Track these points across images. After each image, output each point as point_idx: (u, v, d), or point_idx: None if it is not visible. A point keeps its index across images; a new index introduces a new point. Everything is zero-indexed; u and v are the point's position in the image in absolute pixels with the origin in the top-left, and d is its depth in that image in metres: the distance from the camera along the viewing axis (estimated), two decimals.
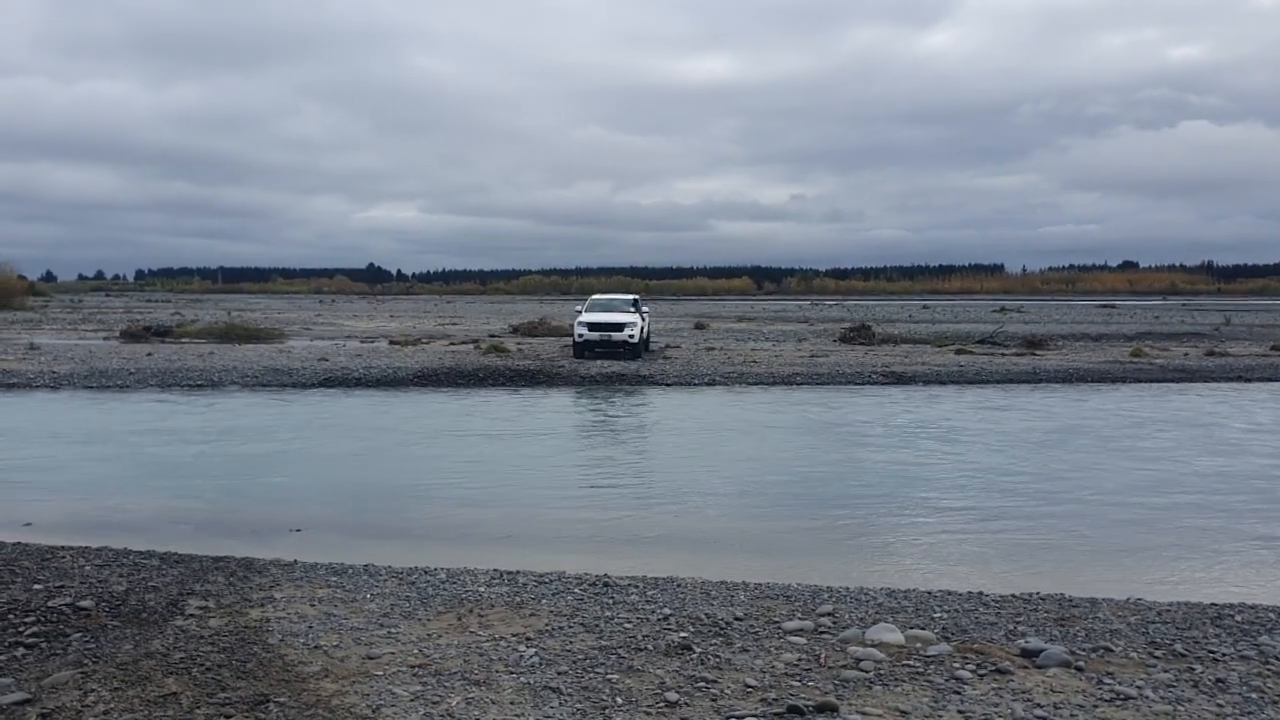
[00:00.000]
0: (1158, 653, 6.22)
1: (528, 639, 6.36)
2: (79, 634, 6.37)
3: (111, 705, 5.22)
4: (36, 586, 7.43)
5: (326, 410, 19.83)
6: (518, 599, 7.33)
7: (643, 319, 30.43)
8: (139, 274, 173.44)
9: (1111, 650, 6.26)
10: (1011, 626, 6.77)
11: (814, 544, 10.05)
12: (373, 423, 18.32)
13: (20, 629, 6.44)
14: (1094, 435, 17.07)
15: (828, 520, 11.00)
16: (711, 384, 24.48)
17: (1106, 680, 5.70)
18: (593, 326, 29.16)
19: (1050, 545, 10.01)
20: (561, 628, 6.61)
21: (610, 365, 27.06)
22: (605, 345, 28.92)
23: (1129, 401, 21.91)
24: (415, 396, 22.11)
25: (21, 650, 6.05)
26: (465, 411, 19.81)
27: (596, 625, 6.66)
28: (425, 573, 8.10)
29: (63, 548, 8.76)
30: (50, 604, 6.97)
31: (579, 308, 31.80)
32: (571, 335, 30.47)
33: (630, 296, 33.02)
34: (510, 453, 15.19)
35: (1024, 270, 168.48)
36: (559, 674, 5.71)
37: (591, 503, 11.83)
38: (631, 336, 28.84)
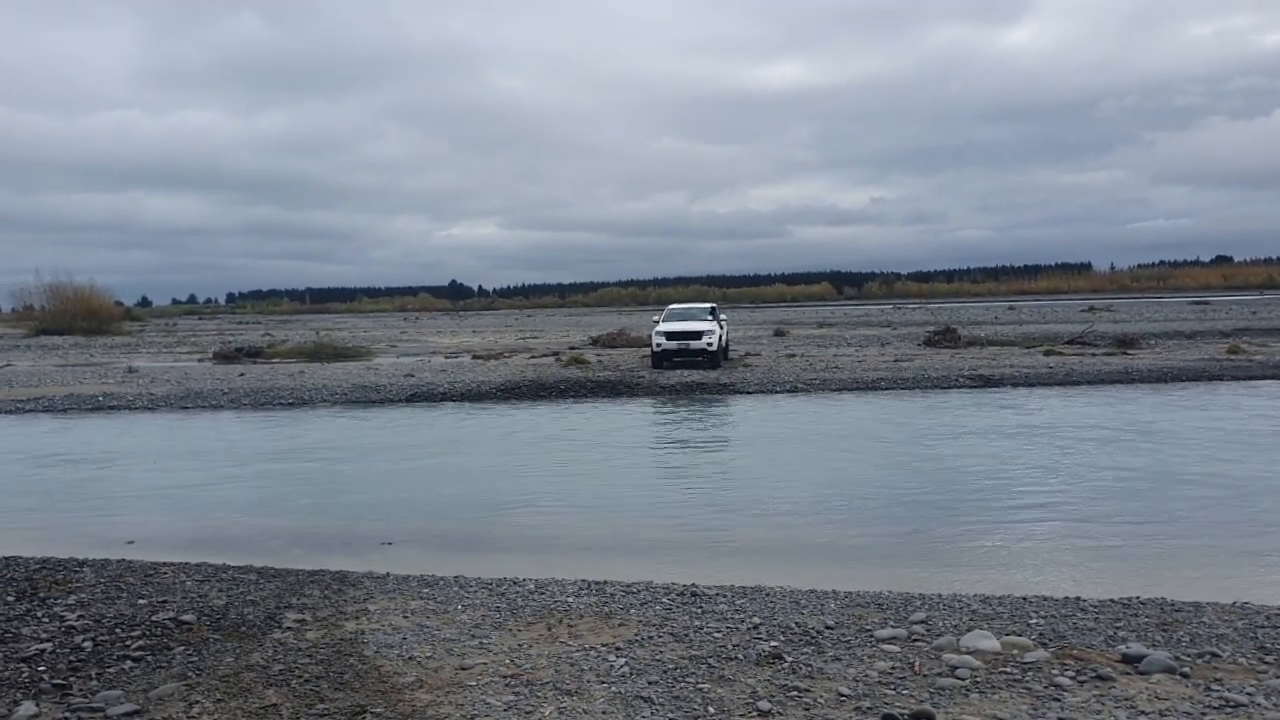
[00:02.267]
0: (1268, 658, 6.00)
1: (618, 649, 6.37)
2: (182, 647, 6.55)
3: (215, 716, 5.36)
4: (141, 601, 7.67)
5: (411, 426, 20.14)
6: (606, 609, 7.36)
7: (720, 327, 30.09)
8: (230, 297, 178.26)
9: (1218, 655, 6.06)
10: (1111, 632, 6.59)
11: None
12: (455, 436, 18.56)
13: (127, 643, 6.64)
14: None
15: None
16: (794, 391, 24.30)
17: (1214, 687, 5.52)
18: (671, 336, 28.89)
19: None
20: (651, 637, 6.61)
21: (690, 374, 26.99)
22: (683, 355, 28.63)
23: None
24: (499, 409, 22.33)
25: (129, 663, 6.24)
26: (547, 423, 19.95)
27: (686, 635, 6.65)
28: (514, 583, 8.17)
29: (164, 564, 9.03)
30: (154, 618, 7.18)
31: (656, 318, 31.58)
32: (650, 345, 30.30)
33: (708, 305, 32.75)
34: (594, 463, 15.25)
35: (1112, 268, 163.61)
36: (650, 684, 5.71)
37: (677, 512, 11.81)
38: (710, 345, 28.48)
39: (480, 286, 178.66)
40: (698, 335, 28.67)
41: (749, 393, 24.21)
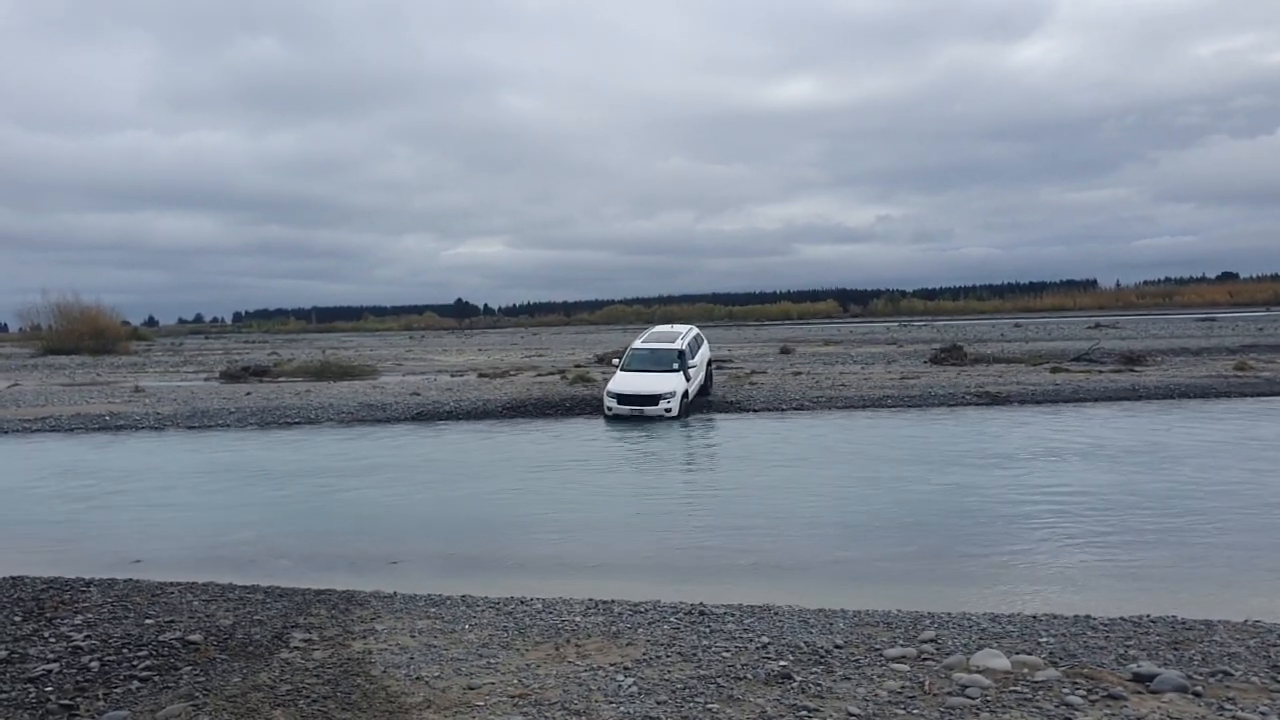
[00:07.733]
0: None
1: (625, 668, 6.35)
2: (189, 667, 6.54)
3: None
4: (148, 621, 7.66)
5: (417, 444, 20.13)
6: (614, 628, 7.33)
7: (688, 378, 24.73)
8: (236, 316, 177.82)
9: (1231, 674, 6.02)
10: (1122, 650, 6.56)
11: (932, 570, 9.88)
12: (461, 454, 18.54)
13: (134, 663, 6.63)
14: None
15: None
16: (800, 409, 24.26)
17: (1227, 706, 5.48)
18: (622, 399, 23.78)
19: None
20: (659, 657, 6.58)
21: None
22: (641, 419, 23.36)
23: None
24: (505, 427, 22.31)
25: (136, 683, 6.23)
26: (551, 441, 19.93)
27: (694, 654, 6.62)
28: (521, 603, 8.16)
29: (171, 583, 9.02)
30: (161, 638, 7.17)
31: (616, 361, 27.29)
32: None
33: (676, 347, 25.74)
34: (601, 481, 15.23)
35: (1118, 285, 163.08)
36: (658, 703, 5.67)
37: (683, 531, 11.79)
38: (669, 410, 23.29)
39: (486, 305, 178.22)
40: (654, 400, 23.51)
41: (756, 410, 24.20)
